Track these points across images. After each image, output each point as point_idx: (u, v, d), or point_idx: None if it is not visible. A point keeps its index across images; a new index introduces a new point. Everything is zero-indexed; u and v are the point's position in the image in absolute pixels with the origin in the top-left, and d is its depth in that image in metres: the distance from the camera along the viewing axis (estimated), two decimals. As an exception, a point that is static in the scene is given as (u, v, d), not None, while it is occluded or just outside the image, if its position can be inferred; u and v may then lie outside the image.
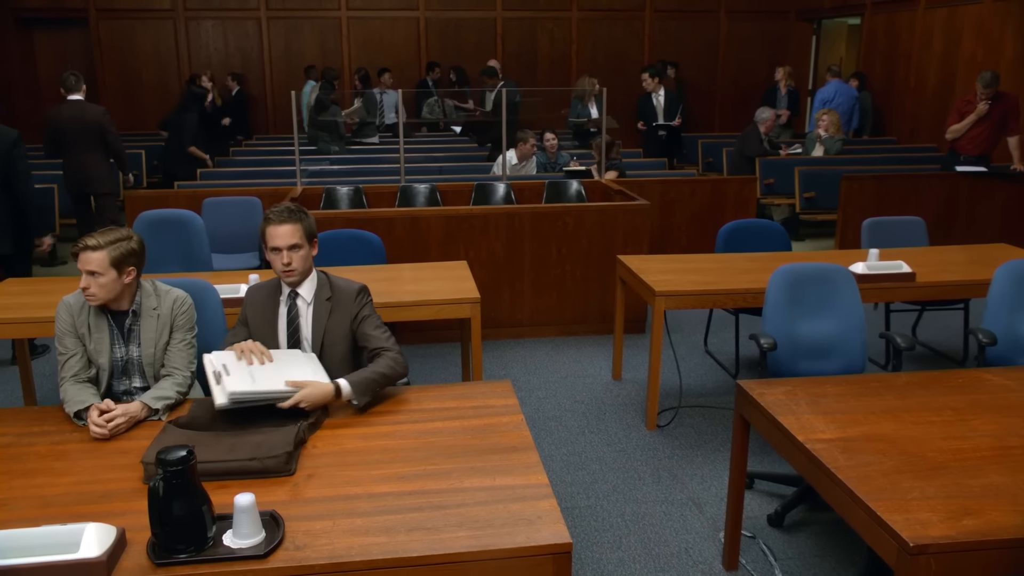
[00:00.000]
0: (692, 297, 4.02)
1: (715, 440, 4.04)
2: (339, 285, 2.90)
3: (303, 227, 2.77)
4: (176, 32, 11.34)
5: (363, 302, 2.89)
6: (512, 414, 2.61)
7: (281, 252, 2.74)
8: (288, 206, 2.80)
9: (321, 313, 2.84)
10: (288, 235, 2.74)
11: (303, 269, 2.80)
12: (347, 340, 2.87)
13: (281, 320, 2.86)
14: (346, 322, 2.85)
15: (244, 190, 6.15)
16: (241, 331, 2.90)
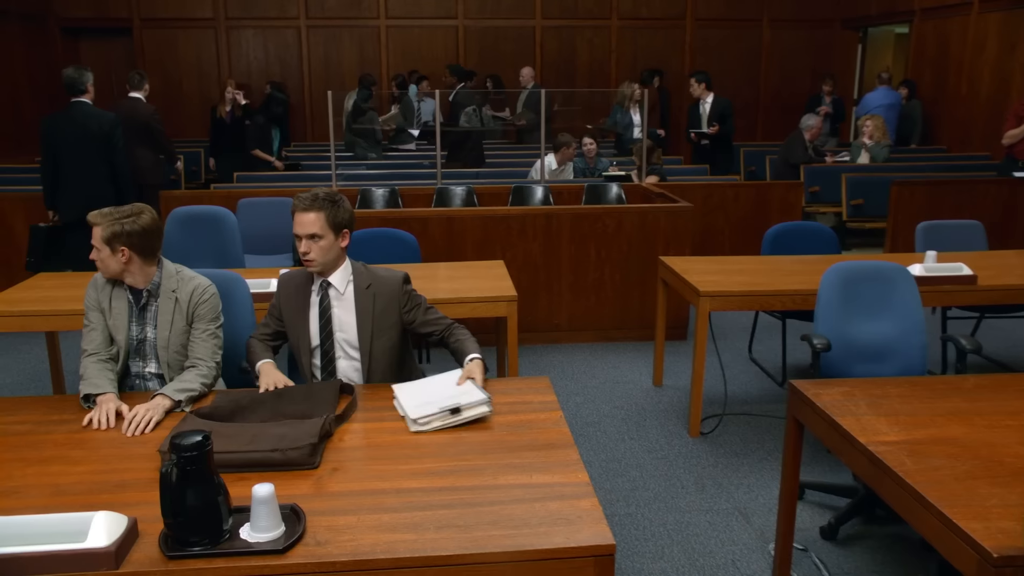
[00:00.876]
0: (738, 298, 3.84)
1: (761, 449, 3.84)
2: (379, 274, 2.79)
3: (327, 216, 2.65)
4: (217, 41, 11.42)
5: (410, 290, 2.80)
6: (550, 410, 2.46)
7: (301, 240, 2.65)
8: (316, 193, 2.69)
9: (365, 302, 2.74)
10: (309, 224, 2.64)
11: (324, 260, 2.68)
12: (395, 328, 2.77)
13: (313, 310, 2.76)
14: (394, 311, 2.75)
15: (279, 191, 6.10)
16: (271, 322, 2.81)
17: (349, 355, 2.76)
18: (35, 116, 10.19)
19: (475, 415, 2.36)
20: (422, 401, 2.43)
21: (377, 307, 2.74)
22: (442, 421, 2.34)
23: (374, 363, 2.75)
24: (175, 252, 3.91)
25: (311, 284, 2.77)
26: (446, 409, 2.35)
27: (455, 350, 2.72)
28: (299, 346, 2.75)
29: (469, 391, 2.45)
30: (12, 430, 2.35)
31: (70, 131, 5.15)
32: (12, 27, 9.93)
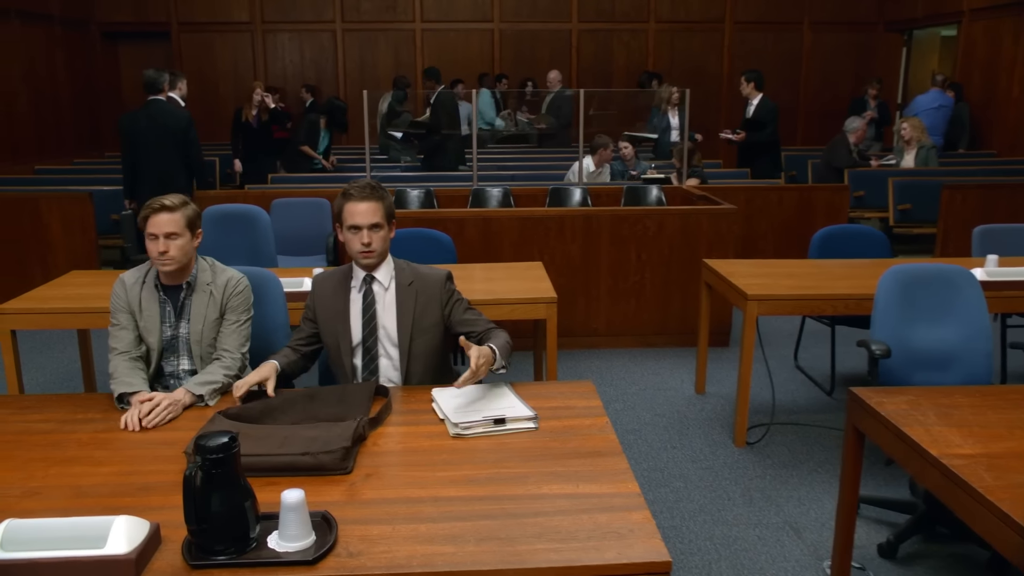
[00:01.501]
0: (787, 303, 3.68)
1: (811, 460, 3.67)
2: (422, 271, 2.68)
3: (384, 206, 2.57)
4: (253, 44, 11.46)
5: (452, 288, 2.68)
6: (596, 416, 2.33)
7: (361, 231, 2.53)
8: (369, 182, 2.59)
9: (406, 299, 2.63)
10: (370, 213, 2.53)
11: (382, 251, 2.59)
12: (437, 328, 2.66)
13: (354, 307, 2.64)
14: (436, 309, 2.64)
15: (313, 191, 6.03)
16: (306, 326, 2.69)
17: (389, 354, 2.65)
18: (75, 120, 10.30)
19: (519, 428, 2.24)
20: (464, 407, 2.32)
21: (419, 305, 2.63)
22: (484, 429, 2.22)
23: (413, 364, 2.64)
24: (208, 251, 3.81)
25: (350, 281, 2.66)
26: (490, 419, 2.22)
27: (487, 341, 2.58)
28: (339, 346, 2.63)
29: (515, 405, 2.33)
30: (37, 428, 2.26)
31: (148, 126, 5.55)
32: (54, 31, 10.04)
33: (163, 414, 2.29)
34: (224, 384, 2.51)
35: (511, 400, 2.38)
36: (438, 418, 2.31)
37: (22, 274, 5.82)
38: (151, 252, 2.57)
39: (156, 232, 2.55)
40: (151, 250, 2.57)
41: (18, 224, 5.91)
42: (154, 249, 2.55)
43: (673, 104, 9.17)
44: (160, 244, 2.54)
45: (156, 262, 2.58)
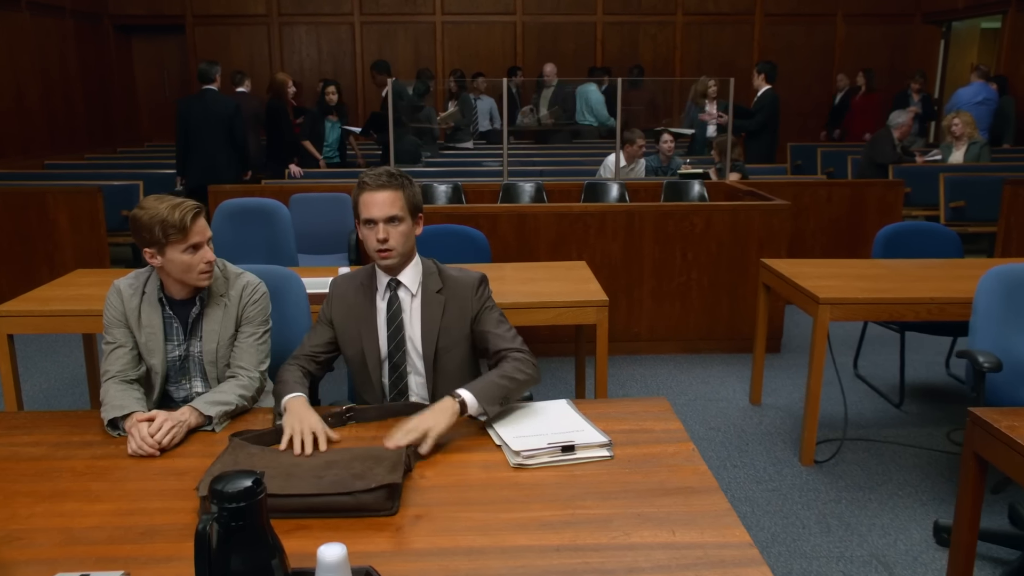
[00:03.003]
0: (863, 307, 3.32)
1: (889, 482, 3.30)
2: (451, 275, 2.32)
3: (405, 196, 2.21)
4: (270, 38, 11.17)
5: (484, 295, 2.31)
6: (679, 441, 1.98)
7: (376, 226, 2.18)
8: (388, 169, 2.23)
9: (433, 308, 2.27)
10: (386, 204, 2.17)
11: (403, 250, 2.22)
12: (466, 342, 2.30)
13: (380, 317, 2.29)
14: (465, 320, 2.28)
15: (333, 186, 5.71)
16: (323, 331, 2.32)
17: (418, 369, 2.30)
18: (87, 114, 10.03)
19: (591, 458, 1.89)
20: (524, 431, 1.97)
21: (447, 315, 2.27)
22: (551, 457, 1.87)
23: (441, 381, 2.27)
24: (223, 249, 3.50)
25: (373, 286, 2.31)
26: (557, 445, 1.88)
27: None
28: (363, 362, 2.29)
29: (584, 428, 1.98)
30: (25, 454, 1.94)
31: (200, 112, 6.29)
32: (66, 24, 9.77)
33: (168, 436, 1.96)
34: (237, 407, 2.17)
35: (577, 422, 2.04)
36: (493, 443, 1.97)
37: (28, 272, 5.53)
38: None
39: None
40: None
41: (24, 220, 5.62)
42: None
43: (711, 97, 8.82)
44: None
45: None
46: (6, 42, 8.51)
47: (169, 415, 2.01)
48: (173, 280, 2.25)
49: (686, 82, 10.29)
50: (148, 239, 2.17)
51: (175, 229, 2.16)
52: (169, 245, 2.17)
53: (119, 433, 2.04)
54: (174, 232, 2.16)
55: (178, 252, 2.18)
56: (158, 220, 2.15)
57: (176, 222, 2.16)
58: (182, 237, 2.17)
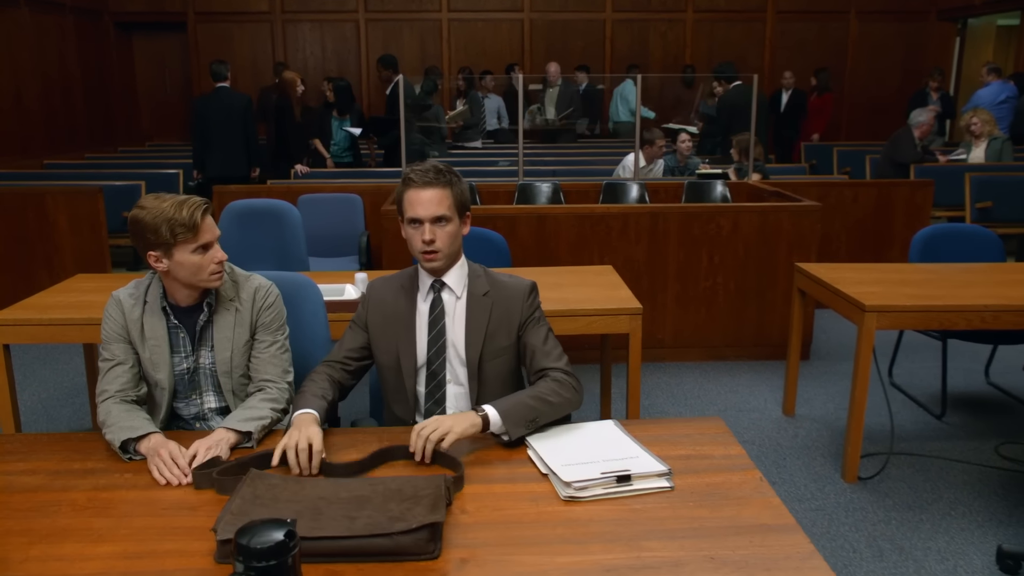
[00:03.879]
0: (911, 315, 3.13)
1: (940, 501, 3.11)
2: (500, 279, 2.16)
3: (453, 194, 2.03)
4: (273, 35, 10.97)
5: (535, 304, 2.15)
6: (743, 469, 1.79)
7: (422, 226, 2.01)
8: (436, 165, 2.06)
9: (478, 312, 2.10)
10: (434, 202, 2.00)
11: (450, 251, 2.05)
12: (512, 351, 2.13)
13: (420, 320, 2.11)
14: (512, 328, 2.11)
15: (343, 186, 5.52)
16: (357, 336, 2.15)
17: (458, 378, 2.13)
18: (87, 113, 9.84)
19: (649, 489, 1.70)
20: (573, 458, 1.78)
21: (493, 320, 2.10)
22: (605, 489, 1.68)
23: (484, 392, 2.10)
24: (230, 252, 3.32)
25: (414, 289, 2.14)
26: (611, 475, 1.69)
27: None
28: (397, 367, 2.11)
29: (639, 455, 1.80)
30: (20, 484, 1.74)
31: (218, 108, 6.62)
32: (66, 21, 9.57)
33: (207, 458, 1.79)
34: (272, 421, 2.01)
35: (629, 446, 1.85)
36: (538, 471, 1.78)
37: (26, 276, 5.34)
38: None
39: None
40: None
41: (23, 222, 5.42)
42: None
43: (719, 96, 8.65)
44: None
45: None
46: (4, 39, 8.32)
47: (203, 441, 1.85)
48: (180, 285, 2.06)
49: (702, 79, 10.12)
50: (153, 241, 1.99)
51: (184, 228, 1.98)
52: (178, 246, 1.99)
53: (130, 457, 1.85)
54: (183, 231, 1.98)
55: (187, 253, 2.00)
56: (164, 219, 1.97)
57: (185, 220, 1.97)
58: (192, 236, 1.99)
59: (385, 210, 4.39)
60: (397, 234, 4.63)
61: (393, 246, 4.39)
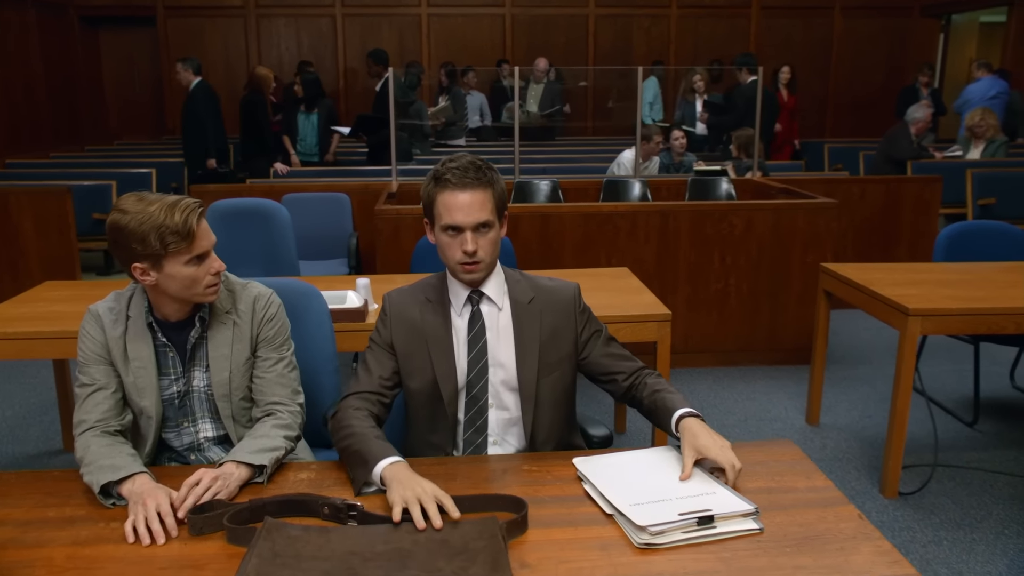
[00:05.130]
0: (957, 318, 2.92)
1: (989, 517, 2.90)
2: (543, 284, 1.90)
3: (494, 195, 1.77)
4: (246, 30, 10.61)
5: (586, 308, 1.91)
6: (836, 504, 1.56)
7: (463, 234, 1.73)
8: (473, 160, 1.77)
9: (527, 324, 1.84)
10: (476, 207, 1.73)
11: (492, 260, 1.80)
12: (568, 364, 1.88)
13: (458, 338, 1.84)
14: (566, 339, 1.87)
15: (329, 185, 5.23)
16: (386, 359, 1.84)
17: (504, 403, 1.86)
18: (52, 111, 9.42)
19: (735, 532, 1.46)
20: (641, 495, 1.53)
21: (544, 331, 1.84)
22: (685, 534, 1.43)
23: (540, 417, 1.85)
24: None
25: (443, 302, 1.86)
26: (691, 517, 1.44)
27: (653, 405, 1.80)
28: (434, 393, 1.84)
29: (716, 490, 1.55)
30: (-16, 538, 1.46)
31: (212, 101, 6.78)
32: (29, 15, 9.15)
33: (210, 495, 1.52)
34: (286, 453, 1.74)
35: (706, 482, 1.60)
36: (601, 511, 1.53)
37: (-12, 283, 4.99)
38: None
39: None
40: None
41: (-16, 225, 5.07)
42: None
43: (699, 92, 8.46)
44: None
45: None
46: (-37, 33, 7.91)
47: (212, 472, 1.58)
48: (169, 298, 1.78)
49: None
50: (140, 252, 1.70)
51: (177, 236, 1.69)
52: (169, 257, 1.70)
53: (113, 503, 1.57)
54: (176, 240, 1.69)
55: (180, 265, 1.72)
56: (153, 226, 1.68)
57: (178, 226, 1.69)
58: (186, 245, 1.70)
59: (380, 209, 4.12)
60: (392, 236, 4.39)
61: (388, 249, 4.11)
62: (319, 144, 6.95)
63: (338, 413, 1.74)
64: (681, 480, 1.59)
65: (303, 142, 6.96)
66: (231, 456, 1.65)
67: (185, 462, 1.89)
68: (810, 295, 4.31)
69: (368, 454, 1.59)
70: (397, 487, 1.48)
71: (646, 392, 1.82)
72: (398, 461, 1.57)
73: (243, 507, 1.48)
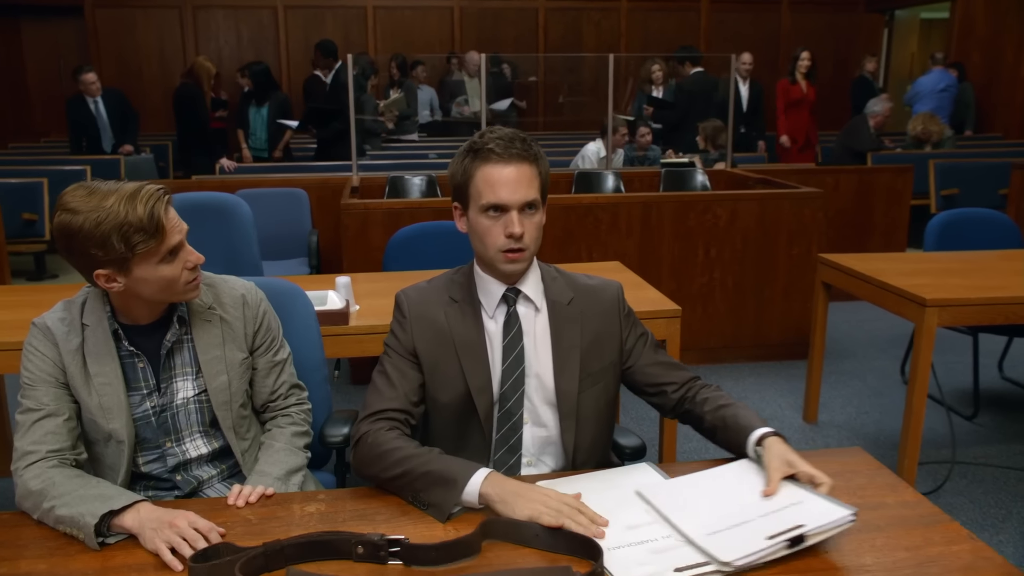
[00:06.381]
0: (975, 309, 2.79)
1: (1011, 517, 2.77)
2: (581, 281, 1.67)
3: (541, 173, 1.53)
4: (183, 23, 10.10)
5: (630, 311, 1.67)
6: (940, 522, 1.36)
7: (508, 215, 1.49)
8: (517, 132, 1.53)
9: (567, 328, 1.60)
10: (523, 183, 1.49)
11: (535, 250, 1.57)
12: (611, 373, 1.64)
13: (492, 342, 1.59)
14: (612, 346, 1.62)
15: (285, 180, 4.90)
16: (411, 369, 1.57)
17: (541, 419, 1.61)
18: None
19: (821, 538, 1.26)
20: (714, 519, 1.32)
21: (586, 337, 1.60)
22: (774, 556, 1.22)
23: (581, 434, 1.61)
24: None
25: (472, 299, 1.61)
26: (782, 541, 1.23)
27: (721, 423, 1.57)
28: (467, 408, 1.59)
29: (809, 502, 1.34)
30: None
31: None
32: (-59, 5, 8.55)
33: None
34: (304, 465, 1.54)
35: (791, 491, 1.38)
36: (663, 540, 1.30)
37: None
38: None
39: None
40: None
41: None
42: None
43: (656, 83, 8.33)
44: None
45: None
46: None
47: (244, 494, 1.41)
48: (142, 301, 1.50)
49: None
50: (101, 258, 1.42)
51: (144, 234, 1.42)
52: (137, 259, 1.43)
53: (103, 541, 1.28)
54: (143, 239, 1.42)
55: (152, 266, 1.45)
56: (114, 225, 1.40)
57: (143, 222, 1.41)
58: (156, 243, 1.43)
59: (346, 204, 3.83)
60: (360, 232, 4.09)
61: (355, 246, 3.83)
62: (268, 139, 6.58)
63: (369, 438, 1.48)
64: (764, 495, 1.37)
65: (254, 136, 6.61)
66: (255, 479, 1.41)
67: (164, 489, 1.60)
68: (796, 289, 4.18)
69: (448, 472, 1.37)
70: (524, 502, 1.30)
71: (707, 408, 1.59)
72: (493, 472, 1.37)
73: (256, 552, 1.20)
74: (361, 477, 1.49)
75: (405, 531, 1.30)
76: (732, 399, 1.62)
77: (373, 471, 1.45)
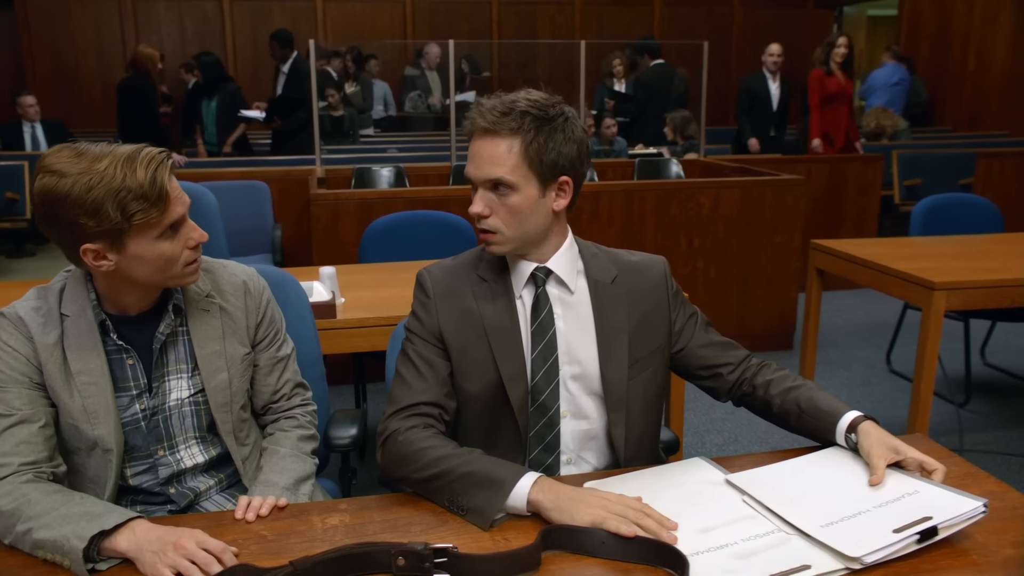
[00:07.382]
0: (984, 292, 2.73)
1: (1019, 503, 2.70)
2: (625, 258, 1.51)
3: (524, 146, 1.33)
4: (122, 15, 9.68)
5: (679, 289, 1.52)
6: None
7: (475, 193, 1.36)
8: (514, 99, 1.35)
9: (613, 309, 1.44)
10: (487, 158, 1.33)
11: (517, 233, 1.37)
12: (659, 359, 1.49)
13: (521, 325, 1.42)
14: (660, 328, 1.47)
15: (245, 173, 4.65)
16: (438, 357, 1.41)
17: (580, 410, 1.45)
18: None
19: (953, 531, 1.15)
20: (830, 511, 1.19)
21: (633, 319, 1.45)
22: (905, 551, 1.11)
23: (631, 426, 1.45)
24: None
25: (502, 278, 1.44)
26: (912, 534, 1.10)
27: (795, 407, 1.44)
28: (499, 399, 1.42)
29: (927, 492, 1.22)
30: None
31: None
32: None
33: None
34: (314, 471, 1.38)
35: (903, 481, 1.27)
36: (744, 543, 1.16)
37: None
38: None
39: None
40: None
41: None
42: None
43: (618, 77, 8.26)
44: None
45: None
46: None
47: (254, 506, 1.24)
48: (134, 286, 1.31)
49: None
50: (91, 229, 1.22)
51: (144, 201, 1.22)
52: (134, 231, 1.23)
53: (93, 567, 1.08)
54: (143, 207, 1.22)
55: (150, 241, 1.26)
56: (109, 191, 1.21)
57: (144, 188, 1.22)
58: (158, 213, 1.24)
59: (316, 195, 3.63)
60: (331, 224, 3.87)
61: (326, 239, 3.63)
62: (218, 132, 6.30)
63: (400, 436, 1.31)
64: (871, 485, 1.24)
65: (207, 131, 6.31)
66: (261, 491, 1.24)
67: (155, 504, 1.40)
68: (779, 277, 4.11)
69: (494, 474, 1.21)
70: (583, 507, 1.15)
71: (774, 391, 1.46)
72: (543, 476, 1.22)
73: (283, 572, 1.03)
74: (391, 479, 1.32)
75: (449, 541, 1.13)
76: (798, 378, 1.49)
77: (404, 472, 1.28)
